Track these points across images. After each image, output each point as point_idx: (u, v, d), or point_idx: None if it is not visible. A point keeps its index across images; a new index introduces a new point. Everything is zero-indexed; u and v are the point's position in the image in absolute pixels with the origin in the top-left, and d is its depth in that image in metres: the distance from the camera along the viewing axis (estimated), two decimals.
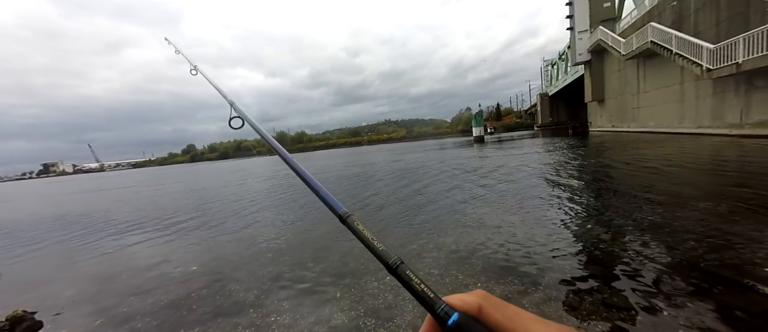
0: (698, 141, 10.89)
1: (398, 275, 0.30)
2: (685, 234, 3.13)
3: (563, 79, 36.90)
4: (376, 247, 0.34)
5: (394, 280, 1.28)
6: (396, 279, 0.30)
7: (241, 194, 10.15)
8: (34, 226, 8.22)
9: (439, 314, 0.26)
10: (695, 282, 2.32)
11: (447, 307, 0.26)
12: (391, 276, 1.34)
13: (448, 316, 0.25)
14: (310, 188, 0.44)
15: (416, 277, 0.29)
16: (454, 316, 0.25)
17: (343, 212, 0.38)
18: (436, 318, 0.26)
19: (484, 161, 12.29)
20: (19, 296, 3.52)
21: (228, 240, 4.90)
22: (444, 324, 0.25)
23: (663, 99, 15.29)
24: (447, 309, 0.26)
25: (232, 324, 2.47)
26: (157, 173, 44.14)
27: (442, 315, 0.26)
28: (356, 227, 0.36)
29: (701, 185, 5.25)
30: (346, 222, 0.37)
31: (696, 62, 11.49)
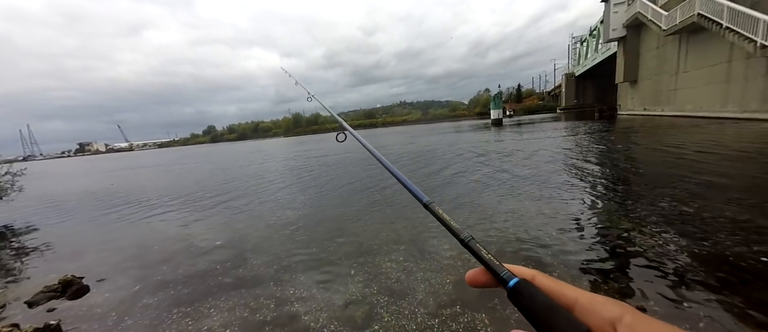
0: (742, 127, 9.96)
1: (469, 247, 0.36)
2: (716, 226, 2.96)
3: (593, 58, 34.33)
4: (453, 226, 0.40)
5: (407, 259, 1.35)
6: (468, 251, 0.36)
7: (262, 175, 10.52)
8: (78, 200, 8.99)
9: (502, 277, 0.32)
10: (723, 276, 2.21)
11: (509, 273, 0.32)
12: (404, 257, 1.43)
13: (510, 279, 0.31)
14: (399, 181, 0.54)
15: (484, 249, 0.35)
16: (515, 279, 0.31)
17: (426, 200, 0.46)
18: (500, 280, 0.32)
19: (500, 145, 11.93)
20: (67, 262, 3.93)
21: (249, 217, 5.15)
22: (506, 284, 0.31)
23: (705, 80, 13.96)
24: (508, 274, 0.32)
25: (254, 295, 2.65)
26: (182, 152, 46.38)
27: (505, 278, 0.32)
28: (437, 211, 0.43)
29: (740, 175, 4.87)
30: (429, 208, 0.44)
31: (749, 38, 10.28)
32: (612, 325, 0.25)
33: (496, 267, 0.33)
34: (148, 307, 2.64)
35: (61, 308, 2.77)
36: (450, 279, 2.55)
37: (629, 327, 0.25)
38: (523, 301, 0.29)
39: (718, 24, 11.68)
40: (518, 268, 0.33)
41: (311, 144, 27.14)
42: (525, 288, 0.30)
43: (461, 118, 75.66)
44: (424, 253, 3.06)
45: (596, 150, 8.46)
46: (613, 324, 0.25)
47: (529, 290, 0.30)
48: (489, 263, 0.34)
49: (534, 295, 0.29)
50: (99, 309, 2.70)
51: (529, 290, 0.30)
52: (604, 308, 0.27)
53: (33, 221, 6.47)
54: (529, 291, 0.30)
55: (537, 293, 0.29)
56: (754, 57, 10.54)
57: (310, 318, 2.26)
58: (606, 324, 0.26)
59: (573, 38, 52.97)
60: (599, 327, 0.26)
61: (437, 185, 6.10)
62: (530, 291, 0.30)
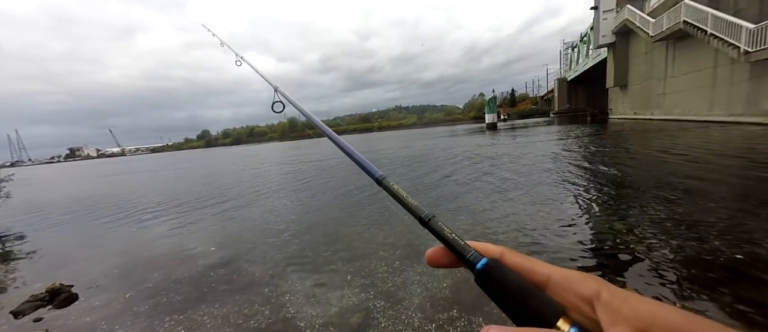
0: (728, 130, 10.24)
1: (430, 227, 0.34)
2: (706, 228, 3.02)
3: (584, 63, 35.06)
4: (411, 203, 0.37)
5: (403, 264, 1.32)
6: (429, 231, 0.33)
7: (256, 179, 10.43)
8: (67, 207, 8.79)
9: (468, 259, 0.29)
10: (714, 277, 2.25)
11: (476, 254, 0.30)
12: (400, 261, 1.39)
13: (477, 261, 0.29)
14: (347, 155, 0.51)
15: (447, 228, 0.32)
16: (483, 261, 0.29)
17: (379, 175, 0.42)
18: (466, 263, 0.30)
19: (495, 149, 12.05)
20: (55, 270, 3.82)
21: (244, 222, 5.09)
22: (473, 267, 0.29)
23: (692, 84, 14.35)
24: (475, 254, 0.30)
25: (249, 301, 2.61)
26: (175, 157, 45.77)
27: (471, 260, 0.29)
28: (391, 186, 0.39)
29: (728, 177, 4.99)
30: (382, 184, 0.41)
31: (733, 44, 10.63)
32: (589, 302, 0.24)
33: (462, 248, 0.30)
34: (140, 315, 2.58)
35: (48, 317, 2.69)
36: (447, 283, 2.55)
37: (607, 304, 0.23)
38: (493, 284, 0.27)
39: (703, 31, 12.06)
40: (484, 246, 0.30)
41: (307, 149, 27.04)
42: (494, 269, 0.28)
43: (456, 122, 76.27)
44: (420, 257, 3.06)
45: (589, 153, 8.60)
46: (590, 301, 0.24)
47: (498, 271, 0.27)
48: (453, 243, 0.31)
49: (504, 276, 0.27)
50: (88, 318, 2.63)
51: (498, 271, 0.27)
52: (580, 284, 0.25)
53: (20, 228, 6.29)
54: (499, 272, 0.27)
55: (508, 273, 0.27)
56: (738, 63, 10.88)
57: (305, 324, 2.23)
58: (582, 302, 0.24)
59: (564, 44, 54.11)
60: (575, 305, 0.24)
61: (432, 189, 6.12)
62: (500, 271, 0.27)
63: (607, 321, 0.22)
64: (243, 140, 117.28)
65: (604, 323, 0.23)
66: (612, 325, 0.22)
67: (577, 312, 0.24)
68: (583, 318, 0.24)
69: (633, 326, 0.21)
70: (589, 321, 0.24)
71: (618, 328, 0.22)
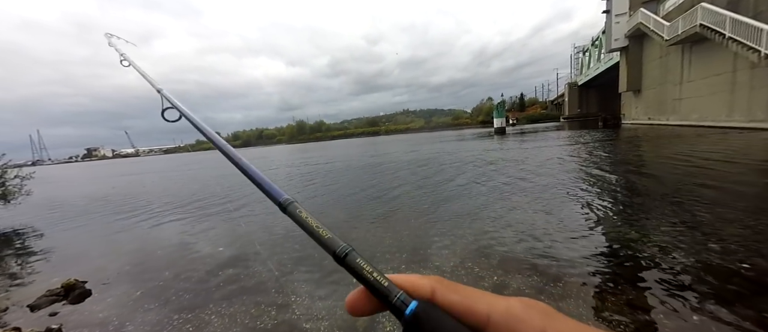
0: (749, 137, 9.85)
1: (347, 264, 0.27)
2: (726, 238, 2.90)
3: (595, 68, 34.44)
4: (321, 235, 0.31)
5: (409, 267, 1.29)
6: (345, 269, 0.27)
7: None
8: (83, 205, 9.08)
9: (395, 304, 0.24)
10: (734, 288, 2.15)
11: (403, 296, 0.25)
12: (406, 265, 1.35)
13: (405, 305, 0.24)
14: (248, 177, 0.42)
15: (368, 265, 0.27)
16: (412, 305, 0.24)
17: (284, 199, 0.35)
18: (391, 309, 0.24)
19: (504, 153, 11.90)
20: (71, 266, 3.94)
21: (252, 223, 5.15)
22: (401, 315, 0.24)
23: (710, 89, 13.90)
24: (403, 297, 0.24)
25: (256, 302, 2.63)
26: (187, 158, 46.84)
27: (398, 305, 0.24)
28: (299, 214, 0.33)
29: (749, 185, 4.79)
30: (287, 211, 0.34)
31: (753, 48, 10.27)
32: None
33: (385, 289, 0.25)
34: (150, 312, 2.63)
35: (63, 312, 2.77)
36: None
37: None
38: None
39: (720, 34, 11.70)
40: (412, 281, 0.25)
41: (315, 152, 27.30)
42: (426, 316, 0.23)
43: (464, 126, 75.79)
44: (427, 261, 3.03)
45: (602, 159, 8.40)
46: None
47: (430, 318, 0.23)
48: (374, 284, 0.26)
49: (438, 324, 0.22)
50: (101, 313, 2.69)
51: (430, 318, 0.23)
52: (522, 324, 0.22)
53: (39, 225, 6.53)
54: (431, 319, 0.23)
55: (441, 320, 0.23)
56: (758, 67, 10.50)
57: (311, 326, 2.23)
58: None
59: (575, 48, 53.34)
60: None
61: (438, 193, 6.07)
62: (432, 319, 0.23)
63: None
64: (252, 142, 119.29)
65: None
66: None
67: None
68: None
69: None
70: None
71: None
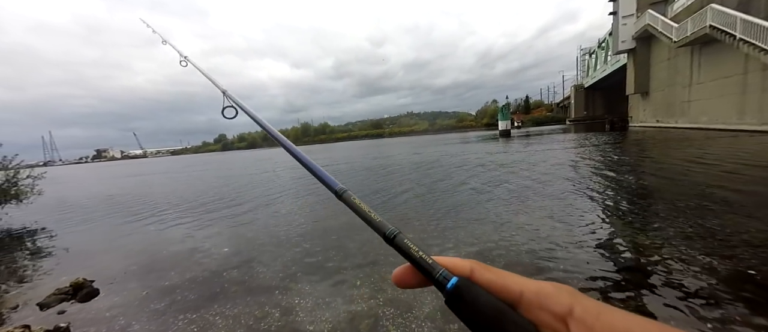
0: (761, 140, 9.63)
1: (396, 245, 0.31)
2: (739, 244, 2.83)
3: (602, 70, 34.08)
4: (374, 219, 0.34)
5: None
6: (394, 249, 0.31)
7: (270, 183, 10.63)
8: (92, 205, 9.24)
9: (438, 279, 0.28)
10: (747, 295, 2.10)
11: (445, 272, 0.28)
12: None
13: (447, 280, 0.27)
14: (307, 169, 0.48)
15: (414, 245, 0.30)
16: (453, 280, 0.27)
17: (339, 188, 0.40)
18: (435, 283, 0.28)
19: (509, 156, 11.80)
20: (79, 265, 4.00)
21: (257, 225, 5.18)
22: (443, 288, 0.27)
23: (720, 92, 13.65)
24: (445, 273, 0.28)
25: (259, 303, 2.64)
26: (193, 160, 47.44)
27: (441, 280, 0.28)
28: (353, 201, 0.37)
29: (762, 190, 4.67)
30: (342, 198, 0.39)
31: (765, 49, 10.07)
32: (562, 320, 0.23)
33: (430, 266, 0.29)
34: (155, 312, 2.65)
35: (71, 310, 2.81)
36: None
37: (580, 320, 0.22)
38: (465, 307, 0.26)
39: (731, 35, 11.50)
40: (453, 262, 0.28)
41: (319, 153, 27.42)
42: (466, 290, 0.26)
43: (468, 129, 75.51)
44: None
45: (610, 163, 8.28)
46: (564, 319, 0.23)
47: (470, 292, 0.26)
48: (420, 261, 0.29)
49: (476, 297, 0.26)
50: (108, 312, 2.73)
51: (470, 292, 0.26)
52: (552, 300, 0.24)
53: (49, 225, 6.65)
54: (471, 293, 0.26)
55: (479, 294, 0.26)
56: None
57: (314, 329, 2.23)
58: (555, 320, 0.23)
59: (582, 50, 52.88)
60: (548, 323, 0.24)
61: (443, 197, 6.04)
62: (472, 292, 0.26)
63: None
64: (258, 143, 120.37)
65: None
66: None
67: (551, 330, 0.24)
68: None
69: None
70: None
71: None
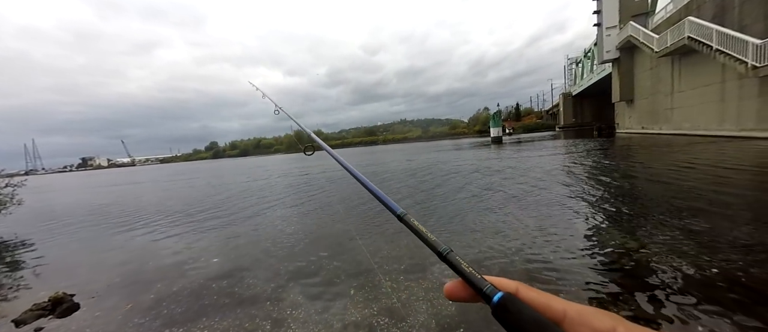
0: (741, 145, 10.02)
1: (448, 261, 0.34)
2: (725, 247, 2.90)
3: (588, 79, 35.17)
4: (429, 239, 0.38)
5: (408, 279, 1.31)
6: (447, 265, 0.34)
7: (260, 191, 10.48)
8: (73, 215, 8.91)
9: (485, 293, 0.30)
10: (735, 297, 2.14)
11: (492, 287, 0.30)
12: (404, 276, 1.39)
13: (493, 294, 0.30)
14: (370, 192, 0.52)
15: (464, 262, 0.33)
16: (499, 294, 0.29)
17: (401, 212, 0.44)
18: (482, 296, 0.30)
19: (501, 162, 11.96)
20: (59, 278, 3.82)
21: (248, 234, 5.07)
22: (489, 300, 0.30)
23: (701, 99, 14.22)
24: (492, 288, 0.30)
25: (250, 315, 2.56)
26: (183, 168, 46.49)
27: (488, 293, 0.30)
28: (413, 223, 0.41)
29: (744, 193, 4.83)
30: (403, 220, 0.42)
31: (740, 59, 10.58)
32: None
33: (479, 281, 0.31)
34: (140, 327, 2.54)
35: (49, 327, 2.67)
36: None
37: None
38: (510, 318, 0.28)
39: (708, 46, 12.06)
40: (500, 280, 0.31)
41: (312, 161, 27.24)
42: (511, 303, 0.28)
43: (461, 136, 76.35)
44: (425, 272, 2.98)
45: (597, 169, 8.47)
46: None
47: (515, 305, 0.28)
48: (470, 277, 0.32)
49: (521, 311, 0.27)
50: (89, 328, 2.60)
51: (515, 305, 0.28)
52: (595, 320, 0.25)
53: (27, 236, 6.37)
54: (516, 306, 0.28)
55: (524, 308, 0.28)
56: (746, 77, 10.79)
57: None
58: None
59: (569, 59, 54.54)
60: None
61: (436, 205, 6.05)
62: (517, 306, 0.28)
63: None
64: (250, 151, 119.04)
65: None
66: None
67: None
68: None
69: None
70: None
71: None
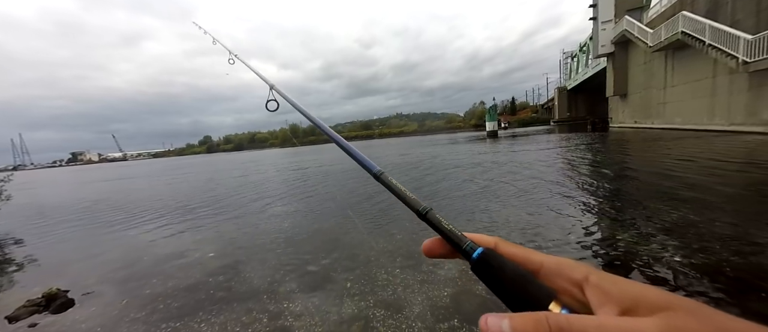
0: (730, 140, 10.24)
1: (428, 219, 0.34)
2: (712, 238, 2.98)
3: (583, 73, 35.36)
4: (408, 197, 0.37)
5: (403, 272, 1.33)
6: (426, 223, 0.34)
7: (256, 185, 10.42)
8: (66, 211, 8.77)
9: (465, 249, 0.30)
10: (720, 287, 2.21)
11: (472, 243, 0.30)
12: (400, 268, 1.40)
13: (473, 251, 0.30)
14: (345, 151, 0.51)
15: (444, 220, 0.33)
16: (478, 250, 0.30)
17: (377, 170, 0.43)
18: (462, 253, 0.31)
19: (497, 156, 12.04)
20: (53, 274, 3.78)
21: (243, 229, 5.06)
22: (469, 257, 0.30)
23: (692, 94, 14.42)
24: (472, 245, 0.30)
25: (247, 309, 2.57)
26: (177, 163, 45.91)
27: (468, 250, 0.30)
28: (391, 182, 0.40)
29: (731, 187, 4.96)
30: (380, 179, 0.41)
31: (731, 54, 10.73)
32: (578, 286, 0.25)
33: (458, 238, 0.31)
34: (136, 322, 2.54)
35: (43, 323, 2.65)
36: (448, 291, 2.51)
37: (596, 286, 0.24)
38: (490, 272, 0.28)
39: (701, 41, 12.18)
40: (480, 236, 0.31)
41: (307, 155, 27.10)
42: (490, 258, 0.29)
43: (457, 130, 76.57)
44: (421, 264, 3.02)
45: (590, 162, 8.59)
46: (580, 285, 0.25)
47: (495, 260, 0.29)
48: (450, 234, 0.32)
49: (500, 264, 0.28)
50: (84, 324, 2.59)
51: (495, 260, 0.29)
52: (570, 269, 0.26)
53: (18, 232, 6.26)
54: (495, 260, 0.29)
55: (502, 261, 0.28)
56: (736, 72, 10.96)
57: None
58: (573, 286, 0.26)
59: (564, 54, 54.70)
60: (566, 289, 0.26)
61: (432, 198, 6.09)
62: (496, 260, 0.29)
63: (597, 302, 0.24)
64: (244, 145, 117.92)
65: (594, 304, 0.24)
66: (601, 306, 0.23)
67: (568, 295, 0.26)
68: (573, 301, 0.25)
69: (620, 305, 0.22)
70: (580, 303, 0.25)
71: (606, 308, 0.23)
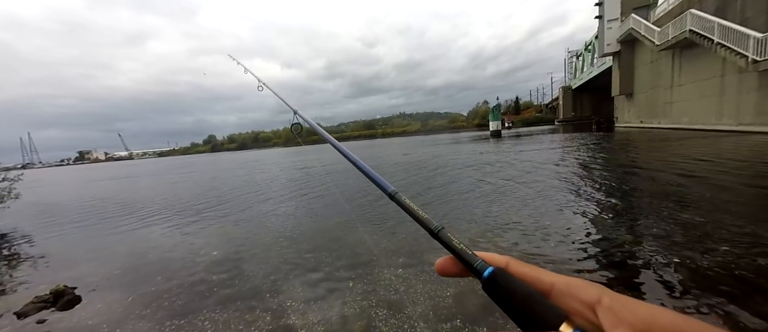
0: (738, 140, 10.06)
1: (440, 238, 0.35)
2: (718, 239, 2.94)
3: (588, 72, 35.00)
4: (421, 216, 0.39)
5: (405, 271, 1.34)
6: (438, 242, 0.35)
7: (260, 184, 10.48)
8: (73, 209, 8.91)
9: (476, 268, 0.31)
10: (726, 289, 2.18)
11: (482, 262, 0.31)
12: (403, 268, 1.42)
13: (484, 269, 0.30)
14: (360, 170, 0.53)
15: (456, 239, 0.34)
16: (489, 269, 0.30)
17: (392, 190, 0.44)
18: (473, 272, 0.31)
19: (501, 156, 11.98)
20: (60, 271, 3.85)
21: (247, 228, 5.10)
22: (480, 275, 0.30)
23: (700, 93, 14.20)
24: (482, 264, 0.31)
25: (250, 307, 2.59)
26: (181, 162, 46.34)
27: (479, 269, 0.31)
28: (404, 201, 0.41)
29: (739, 188, 4.88)
30: (395, 199, 0.43)
31: (740, 53, 10.54)
32: (591, 308, 0.25)
33: (470, 257, 0.32)
34: (141, 319, 2.57)
35: (51, 319, 2.70)
36: (450, 291, 2.51)
37: (608, 308, 0.24)
38: (500, 291, 0.28)
39: (709, 40, 11.99)
40: (491, 255, 0.32)
41: (311, 155, 27.19)
42: (501, 277, 0.29)
43: (460, 129, 76.30)
44: (423, 264, 3.02)
45: (596, 162, 8.50)
46: (592, 306, 0.25)
47: (505, 279, 0.29)
48: (461, 253, 0.32)
49: (510, 284, 0.28)
50: (90, 320, 2.63)
51: (505, 279, 0.29)
52: (582, 291, 0.26)
53: (27, 229, 6.38)
54: (505, 280, 0.29)
55: (513, 281, 0.28)
56: (746, 71, 10.76)
57: (306, 331, 2.20)
58: (584, 307, 0.25)
59: (569, 52, 54.18)
60: (578, 310, 0.26)
61: (435, 198, 6.07)
62: (506, 280, 0.29)
63: (609, 324, 0.23)
64: (248, 145, 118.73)
65: (606, 326, 0.23)
66: (613, 328, 0.23)
67: (580, 316, 0.25)
68: (585, 323, 0.25)
69: (633, 328, 0.22)
70: (592, 325, 0.25)
71: (619, 330, 0.23)
